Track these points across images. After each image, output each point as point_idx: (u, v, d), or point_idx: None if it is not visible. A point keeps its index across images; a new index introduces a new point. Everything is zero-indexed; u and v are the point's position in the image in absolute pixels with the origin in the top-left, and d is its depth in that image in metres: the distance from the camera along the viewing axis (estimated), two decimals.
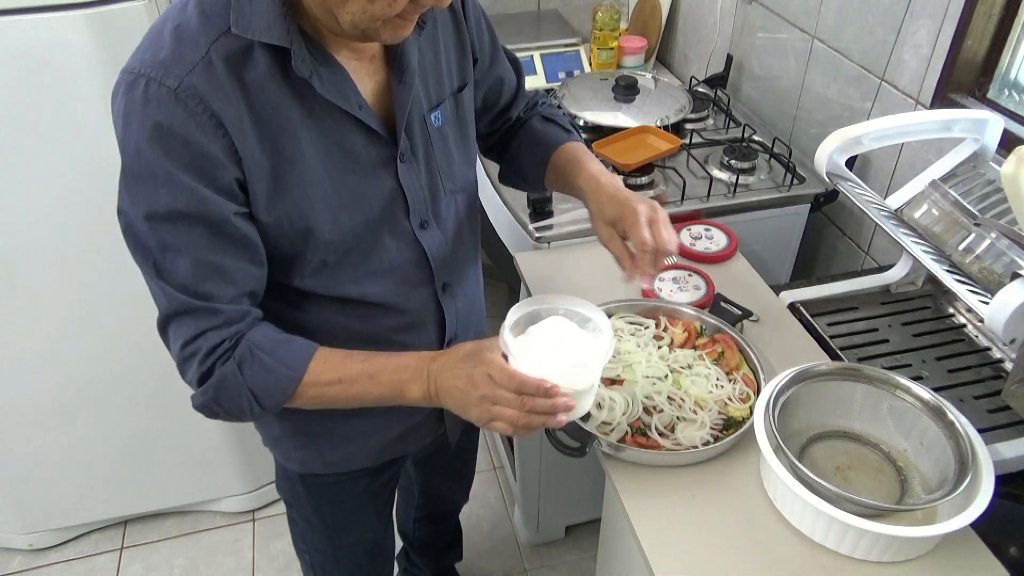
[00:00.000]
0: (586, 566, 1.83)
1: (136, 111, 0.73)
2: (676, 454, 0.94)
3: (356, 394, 0.85)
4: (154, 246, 0.77)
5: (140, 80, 0.73)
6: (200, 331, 0.80)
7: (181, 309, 0.80)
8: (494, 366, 0.78)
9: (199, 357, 0.81)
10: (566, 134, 1.07)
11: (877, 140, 1.10)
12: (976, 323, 1.17)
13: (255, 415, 0.85)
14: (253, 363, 0.81)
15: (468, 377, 0.80)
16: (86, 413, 1.64)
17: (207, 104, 0.73)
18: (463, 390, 0.80)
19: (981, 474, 0.84)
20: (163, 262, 0.78)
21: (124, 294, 1.48)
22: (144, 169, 0.74)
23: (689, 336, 1.11)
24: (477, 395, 0.79)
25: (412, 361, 0.84)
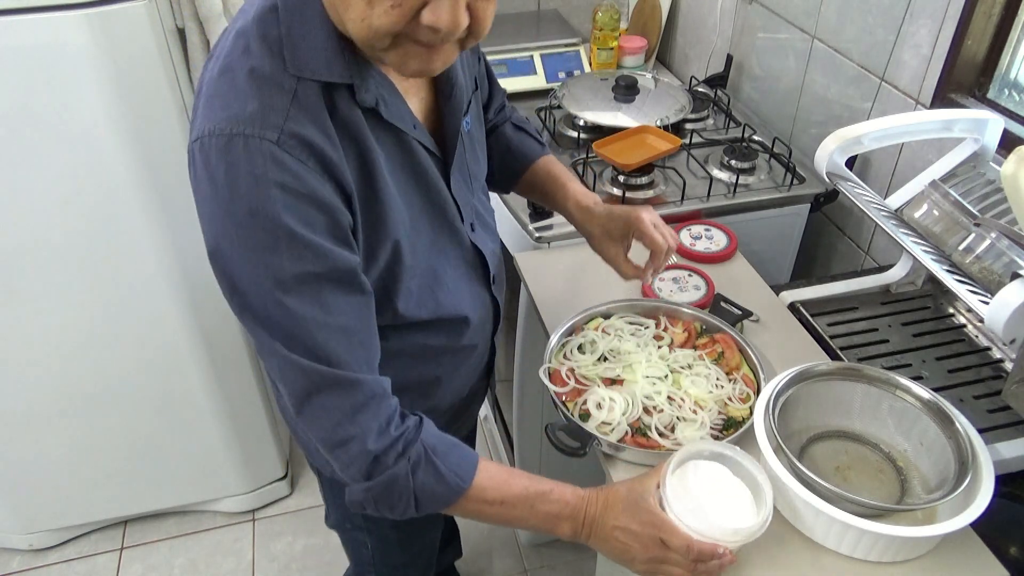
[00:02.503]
0: (586, 566, 1.83)
1: (241, 174, 0.66)
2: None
3: (510, 518, 0.83)
4: (283, 318, 0.70)
5: (237, 140, 0.66)
6: (350, 410, 0.74)
7: (321, 384, 0.73)
8: (669, 531, 0.79)
9: (360, 447, 0.75)
10: (540, 147, 1.12)
11: (877, 140, 1.10)
12: (976, 323, 1.17)
13: (403, 516, 0.81)
14: (428, 468, 0.77)
15: (637, 536, 0.80)
16: (86, 413, 1.64)
17: (312, 148, 0.68)
18: (629, 547, 0.81)
19: (981, 474, 0.84)
20: (294, 334, 0.71)
21: (124, 294, 1.49)
22: (262, 235, 0.67)
23: (689, 336, 1.11)
24: (646, 556, 0.80)
25: (570, 498, 0.83)
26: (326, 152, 0.69)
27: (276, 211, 0.66)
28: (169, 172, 1.39)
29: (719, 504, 0.84)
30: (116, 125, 1.29)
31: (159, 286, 1.49)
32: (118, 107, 1.28)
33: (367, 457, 0.75)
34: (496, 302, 1.02)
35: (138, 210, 1.39)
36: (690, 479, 0.86)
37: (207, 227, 0.70)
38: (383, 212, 0.77)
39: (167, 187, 1.40)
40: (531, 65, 1.85)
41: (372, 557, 1.17)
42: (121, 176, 1.35)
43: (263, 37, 0.69)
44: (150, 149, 1.35)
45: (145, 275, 1.47)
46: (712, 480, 0.86)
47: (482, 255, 0.95)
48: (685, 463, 0.87)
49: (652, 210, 0.99)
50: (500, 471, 0.84)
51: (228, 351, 1.66)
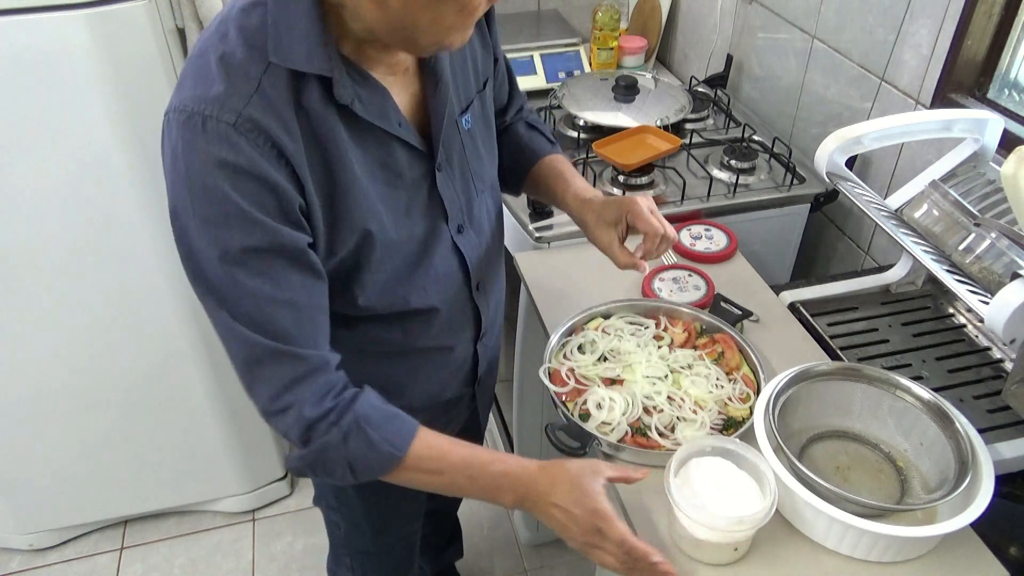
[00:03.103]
0: (586, 566, 1.82)
1: (197, 150, 0.70)
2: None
3: (448, 486, 0.85)
4: (230, 289, 0.74)
5: (196, 118, 0.69)
6: (289, 381, 0.77)
7: (263, 355, 0.76)
8: (607, 522, 0.78)
9: (296, 415, 0.77)
10: (550, 145, 1.11)
11: (877, 140, 1.10)
12: (976, 323, 1.17)
13: (344, 482, 0.84)
14: (359, 436, 0.79)
15: (576, 519, 0.80)
16: (86, 413, 1.64)
17: (268, 135, 0.71)
18: (566, 526, 0.81)
19: (981, 474, 0.84)
20: (240, 305, 0.74)
21: (124, 294, 1.48)
22: (213, 209, 0.71)
23: (689, 336, 1.11)
24: (582, 539, 0.80)
25: (514, 468, 0.84)
26: (281, 140, 0.72)
27: (226, 188, 0.70)
28: None
29: (725, 498, 0.84)
30: (116, 125, 1.29)
31: (159, 286, 1.49)
32: (118, 107, 1.28)
33: (302, 424, 0.78)
34: (477, 308, 1.00)
35: (138, 210, 1.39)
36: (694, 476, 0.86)
37: (168, 193, 0.74)
38: (349, 205, 0.79)
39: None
40: (531, 65, 1.85)
41: (345, 539, 1.19)
42: (121, 176, 1.35)
43: (241, 27, 0.72)
44: (150, 149, 1.35)
45: (145, 275, 1.47)
46: (716, 475, 0.86)
47: (464, 259, 0.94)
48: (688, 461, 0.88)
49: (650, 197, 0.98)
50: (440, 440, 0.84)
51: None
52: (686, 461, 0.88)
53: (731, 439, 0.89)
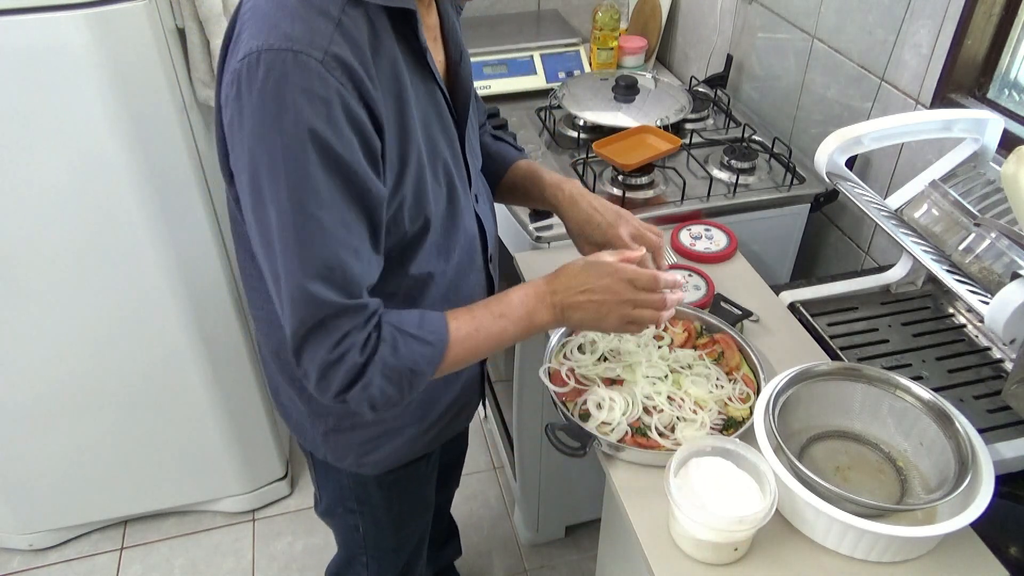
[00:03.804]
0: (586, 566, 1.83)
1: (289, 86, 0.68)
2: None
3: (489, 339, 0.86)
4: (308, 234, 0.72)
5: (285, 54, 0.68)
6: (348, 330, 0.77)
7: (332, 312, 0.75)
8: (632, 271, 0.85)
9: (353, 353, 0.77)
10: (517, 151, 1.14)
11: (877, 140, 1.10)
12: (976, 323, 1.17)
13: (408, 396, 0.83)
14: (404, 341, 0.80)
15: (605, 288, 0.85)
16: (86, 413, 1.64)
17: (352, 74, 0.70)
18: (600, 301, 0.85)
19: (981, 474, 0.84)
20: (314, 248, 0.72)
21: (124, 294, 1.49)
22: (302, 148, 0.69)
23: (689, 336, 1.11)
24: (617, 301, 0.85)
25: (530, 290, 0.88)
26: (364, 81, 0.71)
27: (320, 125, 0.69)
28: (169, 171, 1.39)
29: (725, 498, 0.84)
30: (116, 125, 1.29)
31: (159, 286, 1.49)
32: (118, 107, 1.28)
33: (356, 365, 0.78)
34: (491, 281, 1.04)
35: (138, 210, 1.39)
36: (694, 476, 0.86)
37: (248, 141, 0.71)
38: (410, 153, 0.79)
39: (167, 187, 1.40)
40: (531, 65, 1.85)
41: (364, 540, 1.18)
42: (121, 176, 1.35)
43: None
44: (150, 149, 1.35)
45: (145, 275, 1.47)
46: (716, 475, 0.86)
47: (483, 228, 0.97)
48: (688, 461, 0.88)
49: (630, 218, 1.01)
50: (460, 310, 0.87)
51: (228, 351, 1.66)
52: (686, 461, 0.88)
53: (731, 439, 0.90)
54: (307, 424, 1.02)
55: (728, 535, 0.81)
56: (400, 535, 1.20)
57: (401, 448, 1.04)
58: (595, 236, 1.02)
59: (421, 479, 1.15)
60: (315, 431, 1.01)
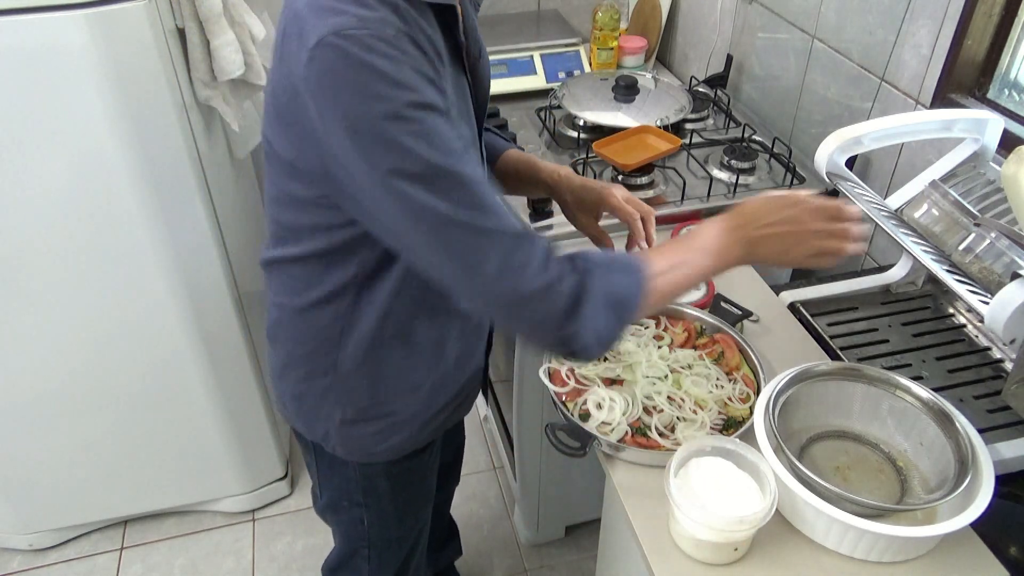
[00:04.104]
0: (586, 566, 1.83)
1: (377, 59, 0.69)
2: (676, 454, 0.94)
3: (691, 272, 0.86)
4: (465, 183, 0.74)
5: (364, 33, 0.70)
6: (544, 249, 0.78)
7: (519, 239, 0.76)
8: (817, 202, 0.85)
9: (567, 277, 0.77)
10: (506, 142, 1.16)
11: (877, 140, 1.10)
12: (976, 323, 1.17)
13: (621, 331, 0.82)
14: (605, 269, 0.80)
15: (792, 219, 0.85)
16: (86, 413, 1.64)
17: (424, 51, 0.73)
18: (788, 232, 0.85)
19: (981, 474, 0.84)
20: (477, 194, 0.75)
21: (124, 294, 1.49)
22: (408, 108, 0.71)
23: (689, 336, 1.11)
24: (806, 231, 0.84)
25: (718, 225, 0.87)
26: (434, 60, 0.75)
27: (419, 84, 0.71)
28: (169, 171, 1.39)
29: (725, 498, 0.84)
30: (116, 125, 1.29)
31: (159, 286, 1.49)
32: (118, 107, 1.28)
33: (575, 284, 0.78)
34: None
35: (138, 210, 1.39)
36: (694, 476, 0.86)
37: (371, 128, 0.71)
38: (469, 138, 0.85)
39: (167, 187, 1.40)
40: (531, 65, 1.85)
41: (368, 532, 1.18)
42: (121, 176, 1.35)
43: None
44: (150, 149, 1.35)
45: (145, 275, 1.47)
46: (716, 475, 0.86)
47: None
48: (688, 461, 0.88)
49: (622, 187, 1.06)
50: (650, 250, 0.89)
51: (228, 351, 1.66)
52: (686, 461, 0.88)
53: (731, 439, 0.89)
54: (322, 415, 1.01)
55: (728, 535, 0.81)
56: (403, 526, 1.20)
57: (411, 436, 1.04)
58: (590, 199, 1.07)
59: (424, 470, 1.16)
60: (329, 423, 1.01)
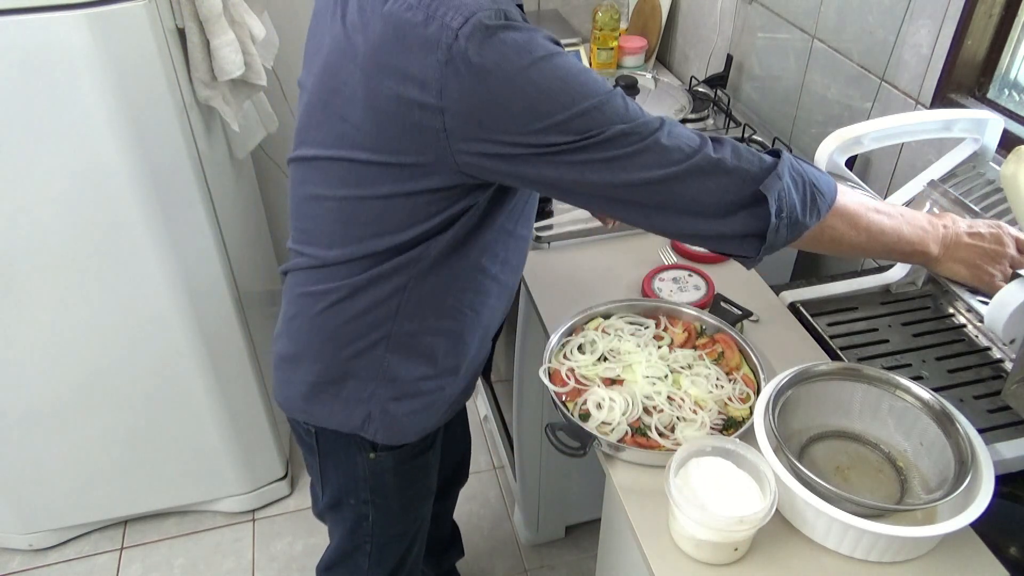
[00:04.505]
0: (586, 566, 1.83)
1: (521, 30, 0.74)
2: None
3: (890, 228, 0.86)
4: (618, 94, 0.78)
5: (499, 12, 0.73)
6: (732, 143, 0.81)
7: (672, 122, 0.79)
8: (1016, 231, 0.89)
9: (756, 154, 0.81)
10: None
11: (877, 140, 1.10)
12: (976, 323, 1.17)
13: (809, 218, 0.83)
14: (795, 158, 0.83)
15: (994, 238, 0.89)
16: (86, 413, 1.64)
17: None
18: (986, 249, 0.88)
19: (981, 474, 0.84)
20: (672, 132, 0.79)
21: (124, 294, 1.49)
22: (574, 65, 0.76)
23: (689, 336, 1.11)
24: (999, 255, 0.88)
25: (930, 218, 0.90)
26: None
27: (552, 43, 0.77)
28: (169, 171, 1.39)
29: (725, 498, 0.84)
30: (116, 125, 1.29)
31: (159, 286, 1.49)
32: (118, 107, 1.28)
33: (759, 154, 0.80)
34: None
35: (138, 210, 1.39)
36: (694, 476, 0.86)
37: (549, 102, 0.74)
38: None
39: (167, 187, 1.40)
40: None
41: (372, 529, 1.18)
42: (121, 176, 1.35)
43: None
44: (150, 149, 1.35)
45: (145, 275, 1.47)
46: (716, 475, 0.86)
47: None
48: (688, 461, 0.88)
49: None
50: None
51: (228, 351, 1.66)
52: (686, 461, 0.88)
53: (731, 439, 0.90)
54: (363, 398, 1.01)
55: (728, 535, 0.81)
56: (405, 522, 1.21)
57: (441, 411, 1.07)
58: None
59: (428, 466, 1.17)
60: (372, 404, 1.01)
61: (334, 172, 0.87)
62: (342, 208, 0.89)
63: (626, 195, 0.79)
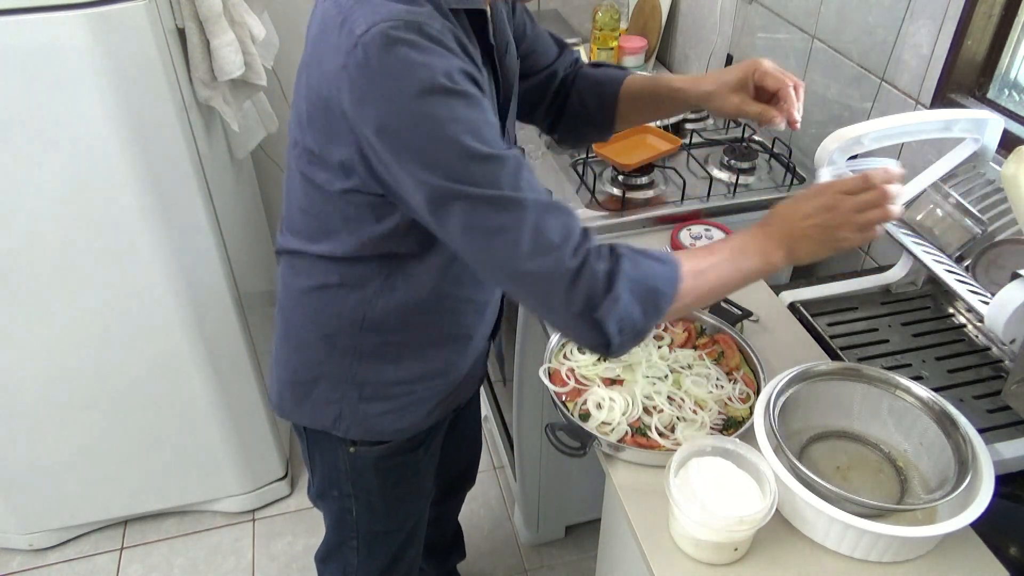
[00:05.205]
0: (586, 566, 1.83)
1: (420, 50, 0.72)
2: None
3: (732, 272, 0.85)
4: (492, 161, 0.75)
5: (412, 25, 0.72)
6: (578, 233, 0.78)
7: (544, 210, 0.76)
8: (840, 183, 0.84)
9: (593, 261, 0.77)
10: (624, 71, 1.12)
11: (877, 140, 1.10)
12: (976, 323, 1.17)
13: (652, 322, 0.81)
14: (638, 257, 0.80)
15: (823, 207, 0.84)
16: (86, 413, 1.64)
17: (463, 47, 0.77)
18: (824, 222, 0.84)
19: (981, 474, 0.84)
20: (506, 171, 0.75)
21: (124, 295, 1.49)
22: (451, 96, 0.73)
23: (689, 336, 1.11)
24: (841, 212, 0.83)
25: (755, 231, 0.88)
26: (471, 55, 0.78)
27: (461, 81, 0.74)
28: (169, 171, 1.39)
29: (725, 498, 0.84)
30: (116, 125, 1.29)
31: (159, 286, 1.49)
32: (118, 107, 1.28)
33: (602, 274, 0.77)
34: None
35: (138, 210, 1.39)
36: (694, 476, 0.86)
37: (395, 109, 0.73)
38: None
39: (167, 187, 1.40)
40: None
41: (356, 524, 1.19)
42: (121, 176, 1.35)
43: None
44: (150, 149, 1.35)
45: (145, 275, 1.47)
46: (717, 475, 0.86)
47: None
48: (688, 461, 0.88)
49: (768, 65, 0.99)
50: (688, 250, 0.88)
51: (228, 352, 1.66)
52: (686, 461, 0.88)
53: (731, 439, 0.90)
54: (335, 398, 1.02)
55: (728, 535, 0.81)
56: (392, 520, 1.21)
57: (420, 414, 1.06)
58: (733, 76, 0.99)
59: (418, 467, 1.16)
60: (343, 405, 1.02)
61: (302, 158, 0.87)
62: (305, 193, 0.90)
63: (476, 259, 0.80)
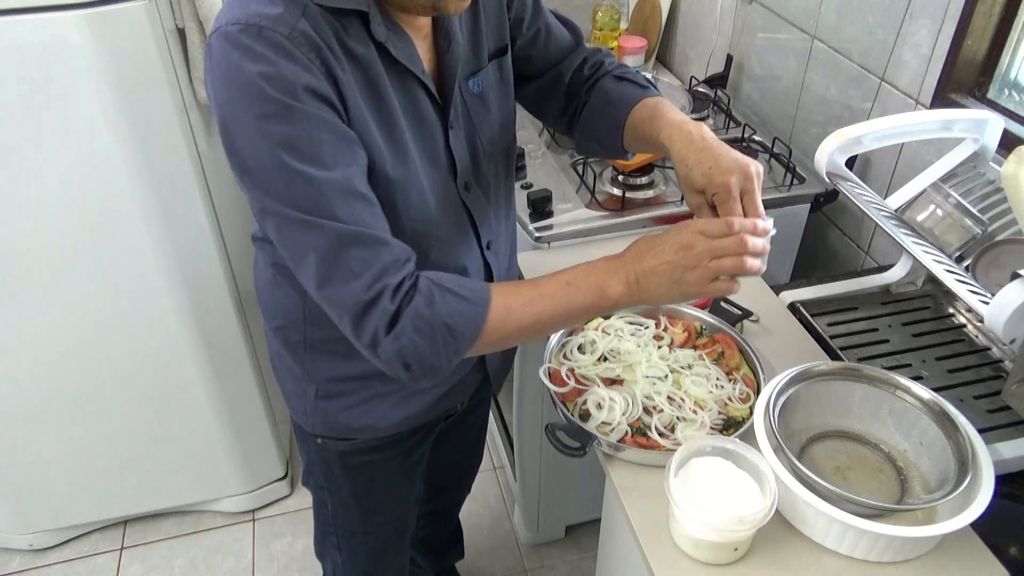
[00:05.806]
0: (586, 566, 1.83)
1: (253, 55, 0.72)
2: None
3: (555, 308, 0.83)
4: (303, 180, 0.74)
5: (252, 28, 0.72)
6: (380, 267, 0.76)
7: (347, 240, 0.75)
8: (701, 223, 0.80)
9: (386, 297, 0.77)
10: (641, 90, 1.00)
11: (877, 140, 1.10)
12: (976, 323, 1.17)
13: (446, 359, 0.81)
14: (443, 294, 0.79)
15: (676, 246, 0.80)
16: (86, 413, 1.64)
17: (320, 51, 0.74)
18: (674, 261, 0.79)
19: (981, 474, 0.84)
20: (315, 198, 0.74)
21: (124, 294, 1.49)
22: (274, 107, 0.72)
23: (689, 336, 1.11)
24: (695, 255, 0.78)
25: (598, 262, 0.85)
26: (331, 60, 0.75)
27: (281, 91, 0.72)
28: (169, 171, 1.39)
29: (725, 498, 0.84)
30: (116, 125, 1.29)
31: (158, 286, 1.49)
32: (118, 107, 1.28)
33: (390, 312, 0.77)
34: (489, 267, 1.02)
35: (137, 209, 1.39)
36: (694, 476, 0.86)
37: (221, 107, 0.74)
38: (399, 140, 0.83)
39: (167, 187, 1.40)
40: None
41: (332, 518, 1.19)
42: (121, 176, 1.35)
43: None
44: (150, 149, 1.35)
45: (144, 275, 1.47)
46: (716, 475, 0.86)
47: (471, 216, 0.96)
48: (688, 461, 0.88)
49: (753, 169, 0.82)
50: (513, 282, 0.86)
51: (228, 351, 1.66)
52: (686, 461, 0.88)
53: (731, 439, 0.89)
54: (299, 391, 1.04)
55: (728, 535, 0.81)
56: (368, 521, 1.20)
57: (389, 414, 1.04)
58: (697, 179, 0.84)
59: (393, 472, 1.15)
60: (306, 399, 1.04)
61: None
62: None
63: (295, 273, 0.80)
